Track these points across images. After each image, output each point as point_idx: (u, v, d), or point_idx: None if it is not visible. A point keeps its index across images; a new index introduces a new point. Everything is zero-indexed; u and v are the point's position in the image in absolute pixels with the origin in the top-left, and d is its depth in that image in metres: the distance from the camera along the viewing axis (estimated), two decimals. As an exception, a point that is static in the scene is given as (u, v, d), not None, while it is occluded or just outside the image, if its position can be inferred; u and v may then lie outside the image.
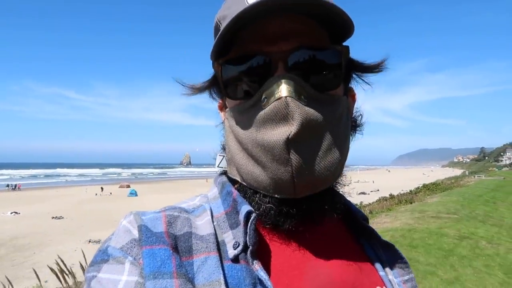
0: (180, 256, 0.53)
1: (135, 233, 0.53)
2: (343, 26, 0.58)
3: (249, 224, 0.54)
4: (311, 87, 0.55)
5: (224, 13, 0.60)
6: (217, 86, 0.67)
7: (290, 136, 0.50)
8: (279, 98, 0.51)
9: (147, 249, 0.51)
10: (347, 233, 0.68)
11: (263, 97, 0.54)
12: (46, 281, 10.11)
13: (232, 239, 0.56)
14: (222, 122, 0.69)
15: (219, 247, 0.56)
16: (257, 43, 0.56)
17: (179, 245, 0.54)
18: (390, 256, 0.68)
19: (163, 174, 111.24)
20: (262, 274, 0.52)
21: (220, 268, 0.52)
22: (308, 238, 0.60)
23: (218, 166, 0.67)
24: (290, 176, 0.52)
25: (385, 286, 0.62)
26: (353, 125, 0.68)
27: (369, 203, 18.87)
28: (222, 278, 0.50)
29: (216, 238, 0.56)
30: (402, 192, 23.74)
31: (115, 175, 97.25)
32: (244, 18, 0.52)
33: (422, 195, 20.97)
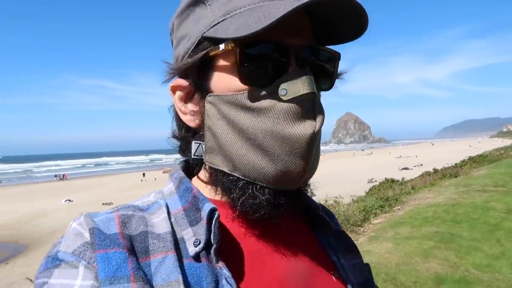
0: (137, 257, 0.51)
1: (87, 236, 0.51)
2: (351, 28, 0.58)
3: (213, 222, 0.54)
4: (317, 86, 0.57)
5: None
6: (200, 67, 0.59)
7: (315, 132, 0.52)
8: (306, 94, 0.52)
9: (101, 253, 0.49)
10: (302, 223, 0.70)
11: (281, 88, 0.53)
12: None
13: (192, 236, 0.55)
14: (173, 107, 0.65)
15: (177, 245, 0.54)
16: (276, 33, 0.53)
17: (136, 246, 0.52)
18: (341, 242, 0.71)
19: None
20: (226, 272, 0.52)
21: (179, 267, 0.51)
22: (270, 231, 0.61)
23: (194, 155, 0.62)
24: (302, 169, 0.54)
25: (337, 271, 0.65)
26: None
27: (412, 179, 18.42)
28: (180, 277, 0.50)
29: (174, 236, 0.55)
30: (446, 166, 22.94)
31: (160, 161, 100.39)
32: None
33: (468, 168, 20.15)
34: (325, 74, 0.61)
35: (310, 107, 0.53)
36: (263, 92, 0.54)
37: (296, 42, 0.55)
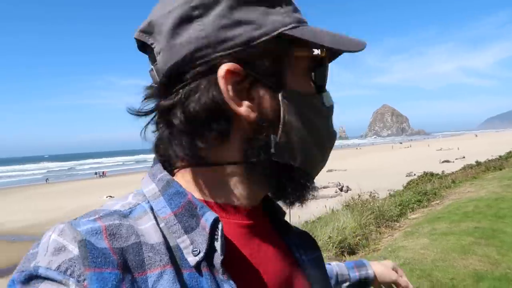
0: (132, 273, 0.47)
1: (73, 251, 0.45)
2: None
3: (219, 233, 0.52)
4: None
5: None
6: (276, 60, 0.57)
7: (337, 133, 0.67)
8: (332, 103, 0.65)
9: (96, 272, 0.45)
10: (268, 222, 0.70)
11: (324, 97, 0.63)
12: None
13: (189, 245, 0.53)
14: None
15: (173, 256, 0.51)
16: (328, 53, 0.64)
17: (129, 259, 0.48)
18: (303, 239, 0.75)
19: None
20: (232, 283, 0.52)
21: (178, 282, 0.49)
22: (256, 235, 0.62)
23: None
24: (324, 163, 0.66)
25: (300, 265, 0.68)
26: None
27: (452, 172, 17.71)
28: None
29: (168, 245, 0.52)
30: (490, 158, 21.86)
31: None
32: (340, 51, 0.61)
33: (514, 161, 19.11)
34: None
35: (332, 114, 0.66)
36: (319, 98, 0.62)
37: None
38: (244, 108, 0.55)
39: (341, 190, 20.81)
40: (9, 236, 17.15)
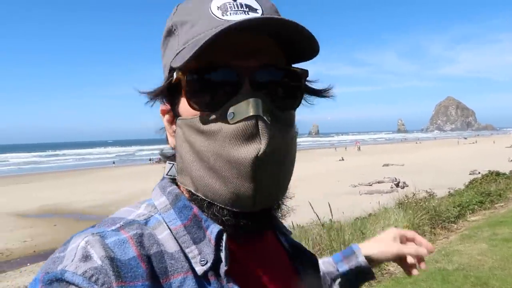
0: (158, 280, 0.52)
1: (98, 260, 0.49)
2: (307, 49, 0.60)
3: (223, 244, 0.56)
4: (275, 107, 0.58)
5: (183, 19, 0.60)
6: (171, 93, 0.63)
7: (259, 155, 0.52)
8: (249, 117, 0.53)
9: (128, 285, 0.49)
10: (276, 240, 0.73)
11: (230, 112, 0.54)
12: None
13: (197, 255, 0.56)
14: (164, 128, 0.69)
15: (191, 264, 0.56)
16: (225, 56, 0.56)
17: (155, 267, 0.53)
18: (300, 249, 0.77)
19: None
20: None
21: (198, 287, 0.54)
22: (260, 249, 0.65)
23: (167, 175, 0.67)
24: (252, 192, 0.54)
25: (299, 274, 0.71)
26: None
27: (522, 172, 16.32)
28: None
29: (185, 254, 0.57)
30: None
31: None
32: (221, 35, 0.51)
33: None
34: (289, 94, 0.61)
35: (254, 130, 0.53)
36: (213, 116, 0.56)
37: (251, 64, 0.56)
38: (170, 138, 0.67)
39: (397, 186, 19.99)
40: (76, 214, 18.58)
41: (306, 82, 0.64)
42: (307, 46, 0.59)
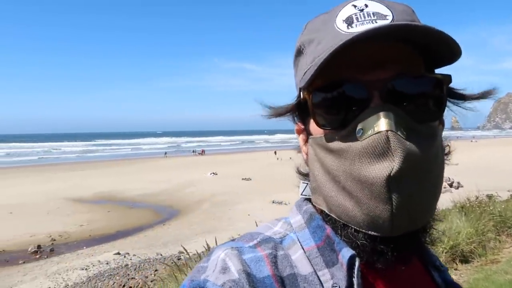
0: None
1: (236, 275, 0.52)
2: (447, 53, 0.54)
3: (355, 271, 0.52)
4: (411, 119, 0.52)
5: (310, 37, 0.59)
6: (301, 112, 0.64)
7: (392, 173, 0.47)
8: (379, 132, 0.49)
9: None
10: (423, 266, 0.65)
11: (359, 128, 0.51)
12: (239, 234, 11.85)
13: (329, 279, 0.54)
14: (299, 147, 0.69)
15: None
16: (350, 70, 0.53)
17: None
18: (444, 277, 0.67)
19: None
20: None
21: None
22: (401, 280, 0.58)
23: (302, 194, 0.65)
24: (389, 214, 0.48)
25: None
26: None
27: None
28: None
29: (318, 278, 0.55)
30: None
31: (290, 142, 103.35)
32: (343, 49, 0.49)
33: None
34: (427, 103, 0.55)
35: (385, 146, 0.48)
36: (342, 133, 0.53)
37: (381, 76, 0.53)
38: (305, 157, 0.66)
39: (450, 186, 19.08)
40: (128, 202, 19.43)
41: (452, 89, 0.60)
42: (446, 49, 0.53)
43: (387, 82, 0.52)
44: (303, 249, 0.58)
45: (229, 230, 12.59)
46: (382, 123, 0.49)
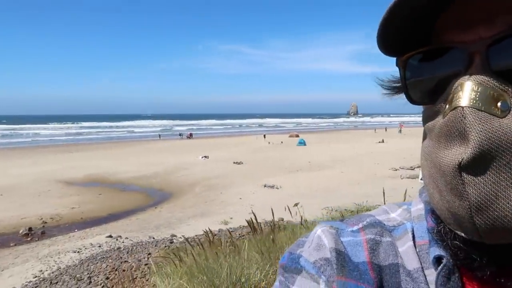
0: None
1: (328, 254, 0.50)
2: None
3: (438, 272, 0.44)
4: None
5: None
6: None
7: (462, 162, 0.37)
8: (455, 108, 0.39)
9: (352, 283, 0.47)
10: None
11: (442, 103, 0.42)
12: (231, 218, 11.92)
13: (433, 281, 0.45)
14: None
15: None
16: (451, 32, 0.43)
17: (385, 280, 0.48)
18: None
19: (332, 123, 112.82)
20: None
21: None
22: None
23: (421, 179, 0.58)
24: (467, 214, 0.38)
25: None
26: None
27: None
28: None
29: (425, 276, 0.47)
30: None
31: (289, 125, 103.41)
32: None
33: None
34: None
35: (459, 126, 0.38)
36: (434, 109, 0.44)
37: (483, 34, 0.40)
38: None
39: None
40: (120, 185, 19.36)
41: None
42: None
43: (492, 41, 0.40)
44: (414, 241, 0.50)
45: (221, 214, 12.66)
46: (462, 97, 0.39)
